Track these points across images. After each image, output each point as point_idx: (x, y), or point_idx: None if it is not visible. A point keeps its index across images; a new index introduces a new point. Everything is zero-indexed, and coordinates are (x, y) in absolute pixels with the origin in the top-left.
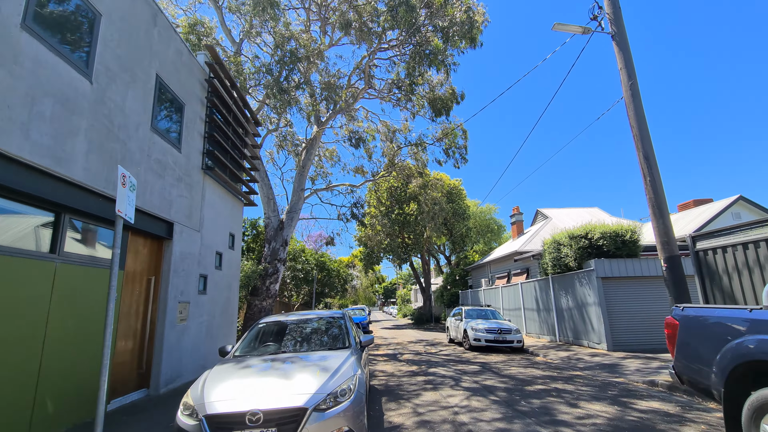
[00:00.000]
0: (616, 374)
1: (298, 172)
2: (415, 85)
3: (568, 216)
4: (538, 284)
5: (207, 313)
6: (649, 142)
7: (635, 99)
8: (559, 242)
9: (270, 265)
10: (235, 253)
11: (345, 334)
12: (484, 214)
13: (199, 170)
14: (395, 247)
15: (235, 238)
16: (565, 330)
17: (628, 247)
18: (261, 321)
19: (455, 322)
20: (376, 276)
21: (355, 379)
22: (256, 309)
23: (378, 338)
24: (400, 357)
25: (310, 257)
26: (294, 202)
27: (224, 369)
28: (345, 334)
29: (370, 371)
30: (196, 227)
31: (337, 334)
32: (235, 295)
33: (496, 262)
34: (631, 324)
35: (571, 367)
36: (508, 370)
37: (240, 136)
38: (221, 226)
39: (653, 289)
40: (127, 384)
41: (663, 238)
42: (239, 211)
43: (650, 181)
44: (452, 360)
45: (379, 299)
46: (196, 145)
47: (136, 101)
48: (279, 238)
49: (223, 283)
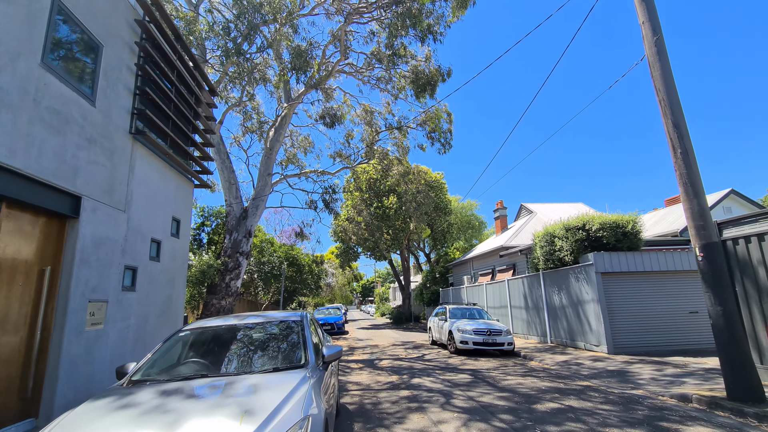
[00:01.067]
0: (630, 384)
1: (264, 154)
2: (397, 56)
3: (553, 211)
4: (527, 281)
5: (137, 314)
6: (678, 107)
7: (661, 57)
8: (553, 234)
9: (230, 259)
10: (180, 242)
11: (301, 347)
12: (466, 210)
13: (125, 134)
14: (374, 242)
15: (181, 224)
16: (558, 330)
17: (630, 239)
18: (185, 327)
19: (438, 323)
20: (353, 273)
21: (305, 428)
22: (214, 309)
23: (354, 340)
24: (377, 363)
25: (279, 250)
26: (260, 188)
27: (91, 411)
28: (301, 347)
29: (341, 384)
30: (120, 206)
31: (290, 347)
32: (180, 293)
33: (480, 259)
34: (633, 324)
35: (574, 374)
36: (505, 381)
37: (189, 103)
38: (161, 208)
39: (658, 285)
40: (2, 414)
41: (698, 221)
42: (188, 192)
43: (681, 154)
44: (438, 367)
45: (357, 298)
46: (122, 101)
47: (11, 20)
48: (242, 228)
49: (162, 278)
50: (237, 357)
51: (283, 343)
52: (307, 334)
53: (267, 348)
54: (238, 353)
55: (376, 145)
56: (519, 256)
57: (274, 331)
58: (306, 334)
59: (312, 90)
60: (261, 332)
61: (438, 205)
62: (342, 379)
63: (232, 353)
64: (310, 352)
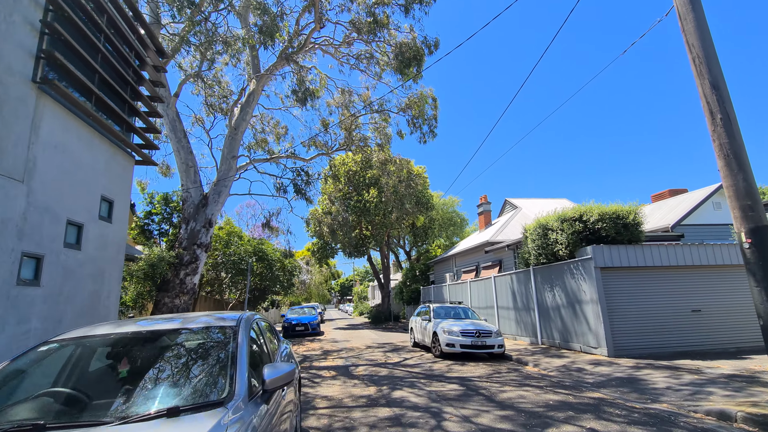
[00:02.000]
0: (648, 396)
1: (228, 135)
2: (378, 26)
3: (537, 206)
4: (516, 277)
5: (43, 316)
6: (717, 64)
7: (695, 6)
8: (546, 227)
9: (186, 252)
10: (114, 228)
11: (226, 370)
12: (447, 206)
13: (25, 82)
14: (352, 238)
15: (114, 205)
16: (551, 331)
17: (631, 231)
18: (54, 338)
19: (421, 323)
20: (331, 271)
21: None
22: (166, 309)
23: (328, 341)
24: (353, 371)
25: (246, 244)
26: (223, 172)
27: None
28: (226, 370)
29: (307, 399)
30: (15, 174)
31: (210, 369)
32: (113, 290)
33: (463, 255)
34: (634, 324)
35: (578, 383)
36: (503, 393)
37: (127, 61)
38: (84, 183)
39: (658, 282)
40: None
41: (744, 200)
42: (125, 169)
43: (722, 120)
44: (422, 375)
45: (335, 297)
46: (18, 37)
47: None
48: (200, 217)
49: (86, 270)
50: (121, 387)
51: (200, 363)
52: (241, 349)
53: (173, 371)
54: (125, 380)
55: (355, 132)
56: (506, 251)
57: (192, 343)
58: (239, 349)
59: (285, 66)
60: (172, 346)
61: (420, 199)
62: (309, 392)
63: (115, 381)
64: (239, 378)
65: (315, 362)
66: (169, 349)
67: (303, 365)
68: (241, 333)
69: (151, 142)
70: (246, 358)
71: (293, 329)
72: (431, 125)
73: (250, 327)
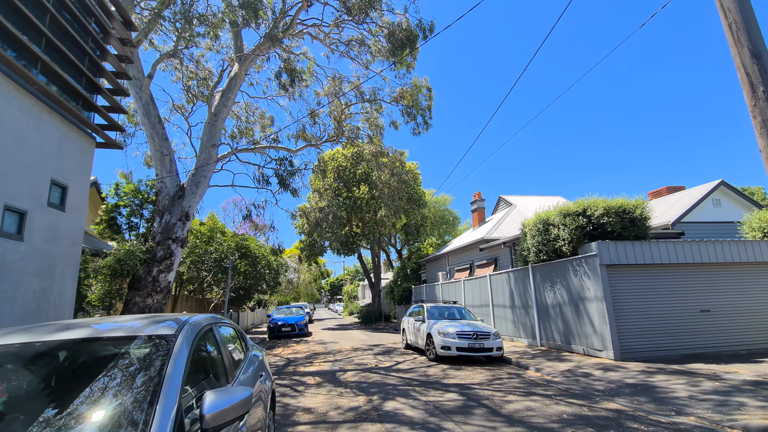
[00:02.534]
0: (670, 408)
1: (208, 121)
2: (369, 4)
3: (532, 203)
4: (514, 275)
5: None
6: (757, 30)
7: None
8: (547, 222)
9: (160, 247)
10: (67, 218)
11: (142, 406)
12: (439, 204)
13: None
14: (342, 236)
15: (69, 191)
16: (551, 332)
17: (638, 226)
18: None
19: (414, 324)
20: (320, 270)
21: None
22: (137, 309)
23: (316, 343)
24: (341, 376)
25: (230, 240)
26: (202, 161)
27: None
28: (142, 406)
29: (286, 414)
30: None
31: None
32: (67, 288)
33: (456, 253)
34: (641, 325)
35: (588, 391)
36: (509, 405)
37: (85, 29)
38: (27, 164)
39: (666, 280)
40: None
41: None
42: (84, 150)
43: (765, 93)
44: (417, 381)
45: (325, 296)
46: None
47: None
48: (176, 210)
49: (29, 265)
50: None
51: (109, 393)
52: (172, 374)
53: (64, 406)
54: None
55: (346, 123)
56: (502, 249)
57: (103, 361)
58: (170, 373)
59: (271, 49)
60: (73, 364)
61: (412, 196)
62: (290, 404)
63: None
64: (159, 419)
65: (300, 367)
66: (69, 369)
67: (286, 371)
68: (179, 347)
69: (115, 122)
70: (178, 386)
71: (279, 330)
72: (425, 116)
73: (199, 336)
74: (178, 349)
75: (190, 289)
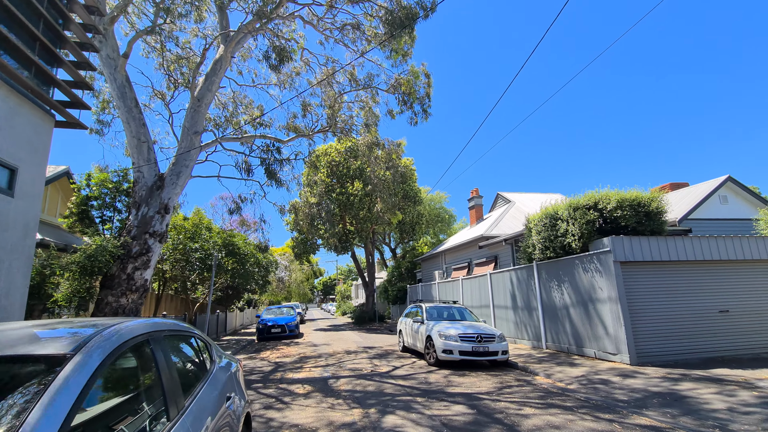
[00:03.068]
0: (712, 423)
1: (190, 107)
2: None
3: (532, 200)
4: (517, 274)
5: None
6: None
7: None
8: (555, 216)
9: (136, 241)
10: (17, 204)
11: None
12: (435, 202)
13: None
14: (335, 233)
15: (19, 174)
16: (558, 334)
17: (653, 221)
18: None
19: (412, 325)
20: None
21: None
22: (110, 310)
23: (307, 345)
24: (333, 384)
25: (216, 236)
26: (183, 150)
27: None
28: None
29: (269, 430)
30: None
31: None
32: (14, 285)
33: (454, 251)
34: (658, 327)
35: (611, 401)
36: (526, 419)
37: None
38: None
39: (684, 279)
40: None
41: None
42: (40, 129)
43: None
44: (418, 390)
45: (318, 296)
46: None
47: None
48: (155, 201)
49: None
50: None
51: None
52: (40, 425)
53: None
54: None
55: (340, 113)
56: (503, 246)
57: None
58: (36, 425)
59: (260, 32)
60: None
61: (407, 193)
62: (275, 418)
63: None
64: None
65: (288, 373)
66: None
67: (273, 378)
68: (68, 376)
69: (79, 99)
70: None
71: (268, 331)
72: (424, 104)
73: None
74: (65, 379)
75: (174, 287)
